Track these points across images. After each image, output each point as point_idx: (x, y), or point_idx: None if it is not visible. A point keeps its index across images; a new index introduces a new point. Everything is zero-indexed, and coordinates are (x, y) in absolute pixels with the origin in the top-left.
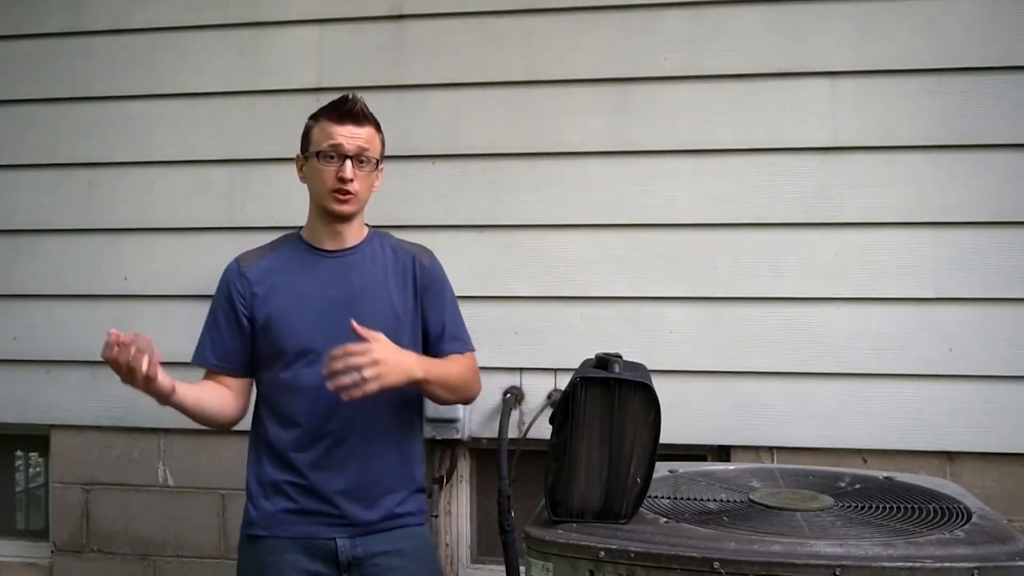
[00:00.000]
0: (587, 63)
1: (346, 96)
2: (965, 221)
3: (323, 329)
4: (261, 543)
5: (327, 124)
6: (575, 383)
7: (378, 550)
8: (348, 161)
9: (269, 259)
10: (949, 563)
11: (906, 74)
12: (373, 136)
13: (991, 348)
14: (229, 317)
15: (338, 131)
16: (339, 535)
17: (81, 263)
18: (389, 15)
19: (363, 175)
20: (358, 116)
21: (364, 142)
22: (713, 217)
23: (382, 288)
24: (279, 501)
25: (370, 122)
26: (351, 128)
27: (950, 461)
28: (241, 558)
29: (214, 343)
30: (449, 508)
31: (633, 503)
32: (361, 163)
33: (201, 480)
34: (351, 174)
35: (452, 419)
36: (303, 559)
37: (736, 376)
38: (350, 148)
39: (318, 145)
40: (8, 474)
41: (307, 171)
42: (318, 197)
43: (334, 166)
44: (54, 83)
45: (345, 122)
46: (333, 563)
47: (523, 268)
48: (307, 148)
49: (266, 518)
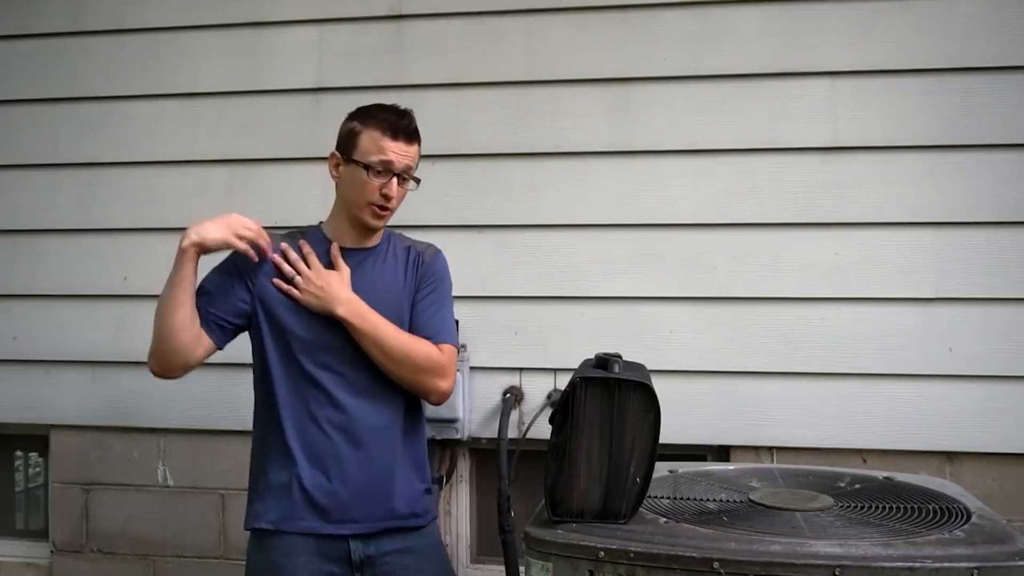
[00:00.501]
0: (587, 63)
1: (403, 111)
2: (965, 221)
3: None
4: (273, 544)
5: (380, 137)
6: (575, 383)
7: (390, 548)
8: (395, 180)
9: (289, 246)
10: (949, 563)
11: (906, 74)
12: (418, 154)
13: (991, 348)
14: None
15: (391, 147)
16: (351, 534)
17: (81, 263)
18: (389, 15)
19: (403, 192)
20: (411, 134)
21: (412, 160)
22: (713, 217)
23: (391, 286)
24: (289, 501)
25: (418, 140)
26: (403, 146)
27: (950, 461)
28: (251, 559)
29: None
30: (449, 508)
31: (633, 503)
32: (405, 180)
33: (201, 480)
34: (396, 192)
35: (452, 419)
36: (316, 560)
37: (736, 376)
38: (399, 166)
39: (366, 156)
40: (8, 474)
41: (345, 175)
42: (354, 206)
43: (380, 181)
44: (54, 83)
45: (399, 139)
46: (347, 563)
47: (523, 268)
48: (350, 152)
49: (278, 515)
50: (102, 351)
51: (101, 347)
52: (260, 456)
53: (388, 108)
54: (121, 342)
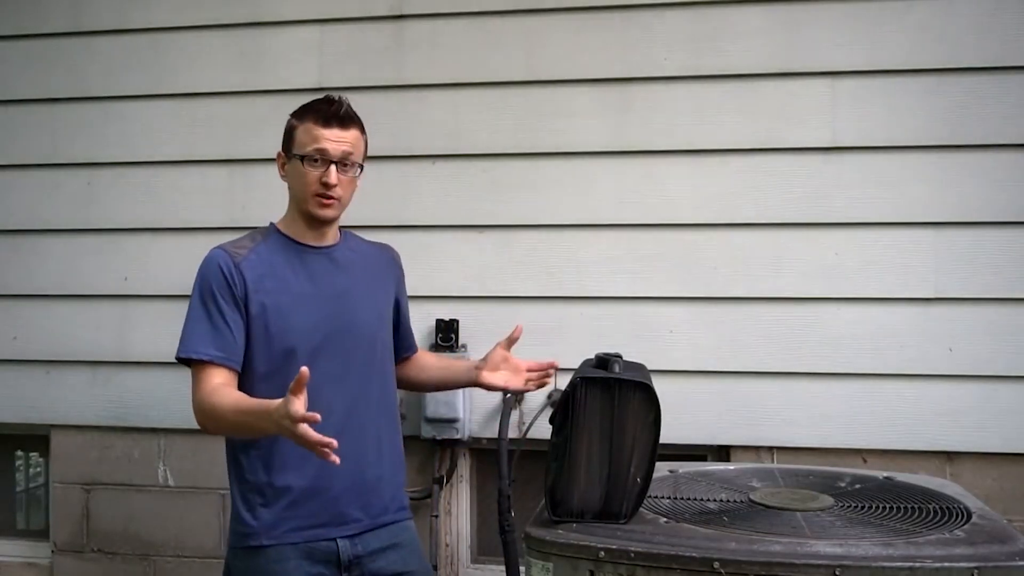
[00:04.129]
0: (587, 63)
1: (331, 97)
2: (965, 221)
3: (323, 326)
4: (262, 552)
5: (312, 126)
6: (575, 383)
7: (376, 546)
8: (333, 167)
9: (258, 252)
10: (949, 563)
11: (906, 74)
12: (358, 139)
13: (991, 348)
14: (224, 308)
15: (324, 135)
16: (339, 535)
17: (81, 263)
18: (389, 15)
19: (347, 180)
20: (344, 119)
21: (349, 146)
22: (713, 217)
23: (370, 285)
24: (279, 507)
25: (355, 124)
26: (337, 132)
27: (950, 461)
28: (236, 568)
29: (208, 334)
30: (449, 508)
31: (633, 503)
32: (345, 167)
33: (201, 480)
34: (335, 179)
35: (452, 419)
36: (305, 564)
37: (736, 376)
38: (335, 153)
39: (302, 148)
40: (8, 474)
41: (289, 171)
42: (300, 200)
43: (318, 170)
44: (54, 83)
45: (331, 125)
46: (335, 564)
47: (523, 268)
48: (290, 148)
49: (267, 526)
50: (102, 351)
51: (101, 347)
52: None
53: (321, 99)
54: (121, 342)
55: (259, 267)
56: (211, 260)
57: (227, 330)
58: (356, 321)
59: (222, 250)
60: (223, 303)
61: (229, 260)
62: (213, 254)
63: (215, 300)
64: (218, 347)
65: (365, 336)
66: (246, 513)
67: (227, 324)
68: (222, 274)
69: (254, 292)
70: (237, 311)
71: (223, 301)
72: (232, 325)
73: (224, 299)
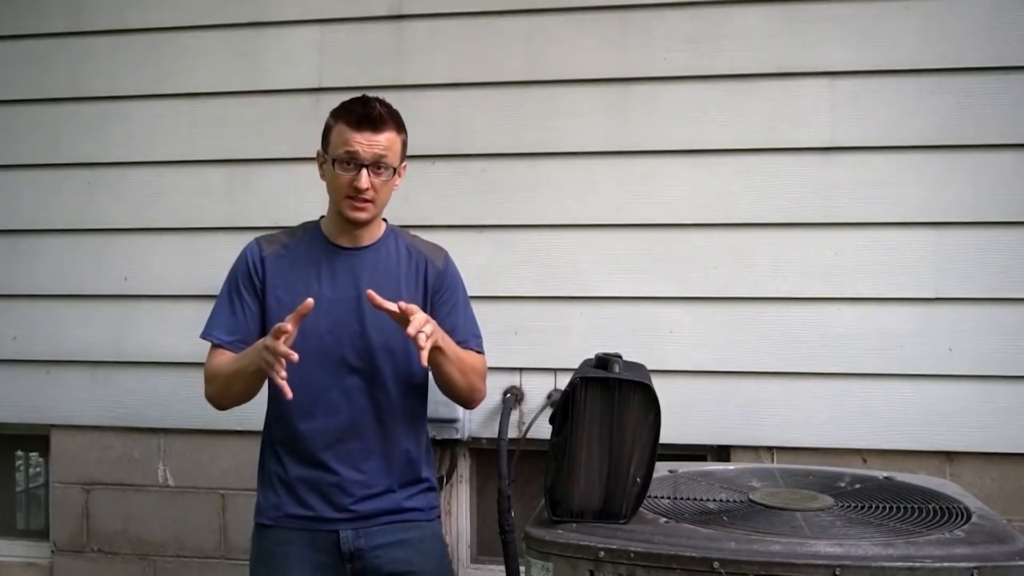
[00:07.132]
0: (587, 63)
1: (364, 98)
2: (965, 221)
3: (334, 328)
4: (268, 533)
5: (345, 129)
6: (575, 383)
7: (380, 542)
8: (364, 171)
9: (289, 248)
10: (949, 563)
11: (906, 74)
12: (393, 140)
13: (991, 348)
14: (244, 296)
15: (355, 138)
16: (343, 527)
17: (81, 263)
18: (389, 15)
19: (380, 182)
20: (376, 121)
21: (382, 149)
22: (713, 217)
23: (392, 287)
24: (286, 494)
25: (390, 125)
26: (368, 135)
27: (950, 461)
28: (252, 545)
29: (227, 320)
30: (449, 508)
31: (633, 503)
32: (379, 170)
33: (201, 480)
34: (366, 183)
35: (452, 419)
36: (307, 551)
37: (736, 376)
38: (366, 157)
39: (335, 150)
40: (8, 474)
41: (326, 171)
42: (335, 201)
43: (350, 174)
44: (54, 83)
45: (363, 128)
46: (336, 554)
47: (523, 268)
48: (326, 148)
49: (272, 508)
50: (102, 351)
51: (101, 347)
52: (265, 450)
53: (356, 100)
54: (121, 342)
55: (283, 264)
56: (245, 250)
57: (243, 317)
58: (367, 326)
59: (256, 242)
60: (244, 291)
61: (257, 253)
62: (248, 244)
63: (237, 288)
64: (230, 332)
65: (375, 341)
66: (259, 493)
67: (244, 312)
68: (247, 264)
69: (272, 287)
70: (256, 300)
71: (244, 290)
72: (248, 313)
73: (245, 288)
